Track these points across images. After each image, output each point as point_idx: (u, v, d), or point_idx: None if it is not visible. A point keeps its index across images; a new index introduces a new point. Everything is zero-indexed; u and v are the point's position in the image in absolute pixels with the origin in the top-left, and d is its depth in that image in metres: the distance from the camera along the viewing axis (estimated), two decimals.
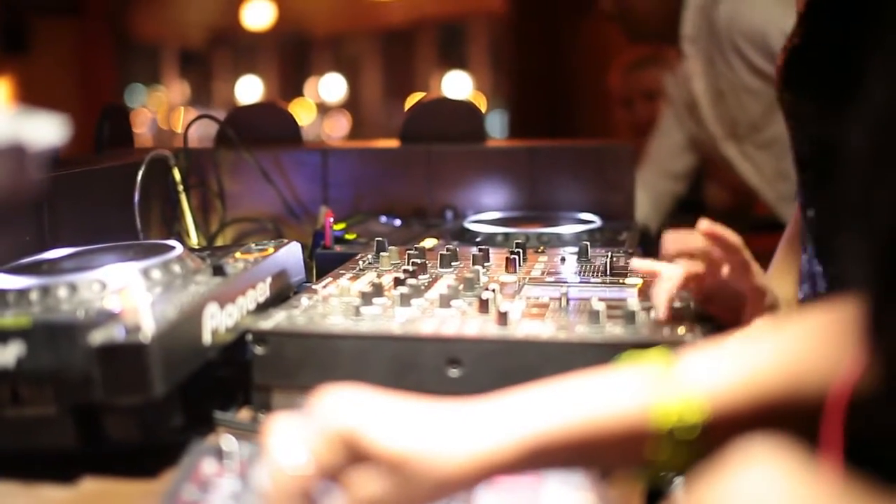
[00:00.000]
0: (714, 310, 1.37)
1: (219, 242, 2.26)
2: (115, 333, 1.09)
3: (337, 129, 12.06)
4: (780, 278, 1.60)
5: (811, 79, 1.44)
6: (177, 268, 1.36)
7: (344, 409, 0.86)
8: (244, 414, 1.32)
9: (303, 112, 11.39)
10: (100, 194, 1.93)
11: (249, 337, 1.28)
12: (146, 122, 11.17)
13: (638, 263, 1.41)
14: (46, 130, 0.84)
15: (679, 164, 3.35)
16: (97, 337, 1.08)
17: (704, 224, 1.32)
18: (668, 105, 3.32)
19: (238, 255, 1.51)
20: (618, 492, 0.89)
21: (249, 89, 12.08)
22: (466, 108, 2.48)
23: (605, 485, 0.90)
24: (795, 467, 0.69)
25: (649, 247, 2.03)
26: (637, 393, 0.88)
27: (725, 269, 1.34)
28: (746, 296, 1.36)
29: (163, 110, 11.85)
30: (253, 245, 1.57)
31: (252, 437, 1.03)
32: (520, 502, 0.90)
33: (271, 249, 1.53)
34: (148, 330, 1.09)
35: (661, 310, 1.28)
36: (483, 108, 3.18)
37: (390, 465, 0.83)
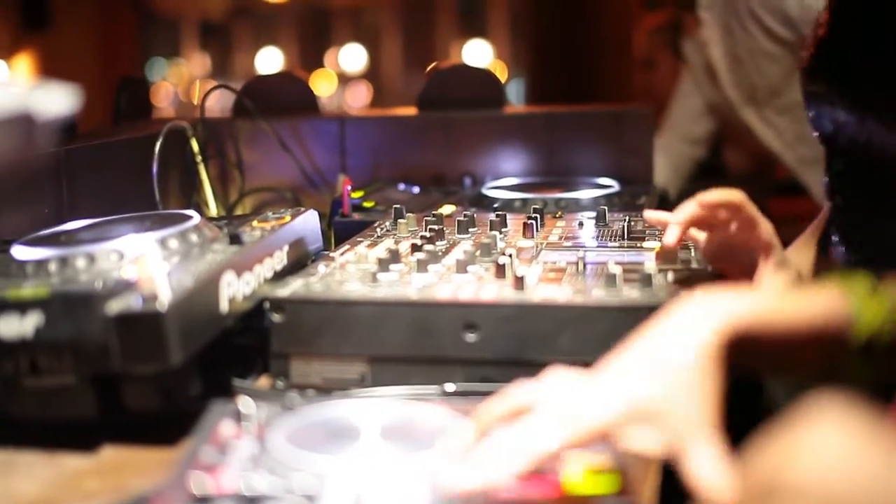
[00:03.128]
0: (725, 267, 1.38)
1: (238, 212, 2.26)
2: (133, 303, 1.09)
3: (358, 100, 12.05)
4: (797, 249, 1.60)
5: (842, 70, 1.42)
6: (194, 237, 1.37)
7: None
8: (263, 381, 1.33)
9: (324, 83, 11.38)
10: (118, 166, 1.94)
11: (267, 305, 1.29)
12: (168, 96, 11.18)
13: (650, 214, 1.42)
14: (57, 100, 0.84)
15: (698, 128, 3.34)
16: (114, 306, 1.09)
17: (702, 198, 1.33)
18: (688, 70, 3.31)
19: (255, 223, 1.51)
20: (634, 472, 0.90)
21: (270, 61, 12.07)
22: (484, 74, 2.48)
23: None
24: (863, 425, 0.69)
25: (668, 211, 2.03)
26: (841, 301, 0.92)
27: (733, 226, 1.35)
28: (756, 251, 1.37)
29: (183, 83, 11.85)
30: (270, 214, 1.57)
31: (270, 402, 1.03)
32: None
33: (288, 218, 1.53)
34: (165, 299, 1.09)
35: (672, 238, 1.29)
36: (503, 77, 3.17)
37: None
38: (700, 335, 0.88)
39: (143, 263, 1.15)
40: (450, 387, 1.22)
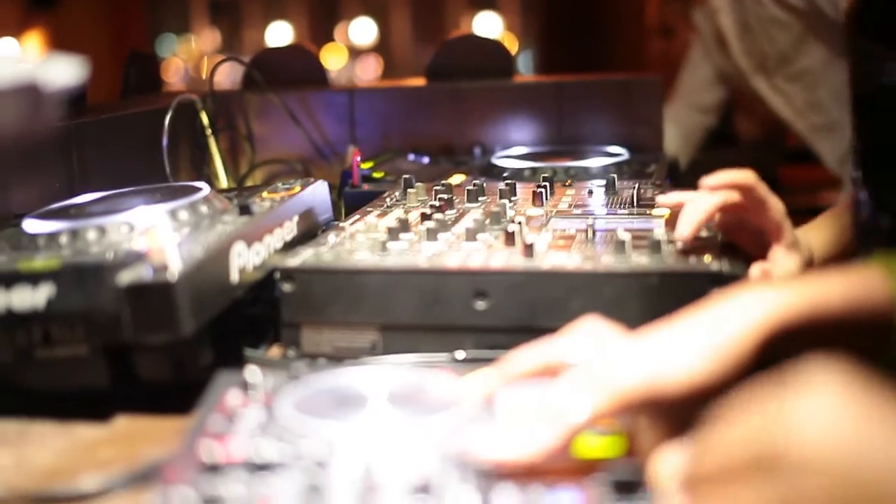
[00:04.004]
0: (738, 239, 1.38)
1: (248, 184, 2.26)
2: (143, 273, 1.10)
3: (368, 73, 12.03)
4: (810, 230, 1.58)
5: (888, 24, 1.40)
6: (204, 208, 1.37)
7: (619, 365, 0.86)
8: (274, 351, 1.33)
9: (333, 57, 11.36)
10: (128, 139, 1.94)
11: (277, 275, 1.29)
12: (178, 72, 11.16)
13: (663, 199, 1.41)
14: (64, 71, 0.84)
15: (709, 97, 3.34)
16: (125, 277, 1.10)
17: (709, 181, 1.32)
18: (698, 39, 3.30)
19: (265, 194, 1.52)
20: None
21: (280, 36, 12.04)
22: (493, 44, 2.48)
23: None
24: (861, 386, 0.67)
25: (678, 179, 2.03)
26: (883, 283, 0.89)
27: (745, 206, 1.35)
28: (768, 232, 1.36)
29: (193, 59, 11.84)
30: (280, 185, 1.58)
31: (279, 371, 1.04)
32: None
33: (298, 188, 1.54)
34: (175, 269, 1.10)
35: (686, 231, 1.27)
36: (514, 49, 3.17)
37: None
38: (747, 323, 0.85)
39: (153, 234, 1.16)
40: (460, 354, 1.22)
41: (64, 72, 0.85)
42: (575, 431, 0.82)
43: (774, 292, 0.88)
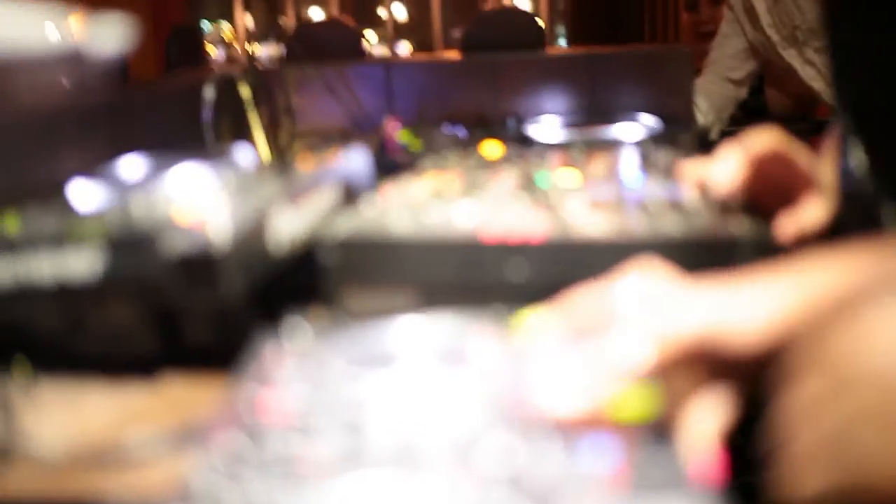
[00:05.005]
0: (764, 198, 1.39)
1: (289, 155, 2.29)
2: (190, 241, 1.13)
3: (404, 51, 12.05)
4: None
5: None
6: (247, 175, 1.41)
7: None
8: (316, 315, 1.37)
9: (371, 36, 11.37)
10: (170, 112, 1.98)
11: (318, 242, 1.32)
12: (217, 52, 11.19)
13: (690, 169, 1.42)
14: (107, 39, 0.87)
15: (739, 69, 3.34)
16: (171, 245, 1.13)
17: (748, 151, 1.33)
18: (729, 11, 3.31)
19: (306, 162, 1.55)
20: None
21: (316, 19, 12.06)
22: (526, 17, 2.50)
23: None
24: None
25: (708, 150, 2.05)
26: None
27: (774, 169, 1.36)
28: (796, 188, 1.38)
29: (232, 38, 11.85)
30: (321, 152, 1.61)
31: (320, 331, 1.07)
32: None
33: (339, 155, 1.57)
34: (220, 236, 1.13)
35: (720, 194, 1.29)
36: (544, 23, 3.18)
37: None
38: (830, 283, 0.79)
39: (199, 201, 1.19)
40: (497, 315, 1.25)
41: (108, 39, 0.88)
42: (634, 381, 0.80)
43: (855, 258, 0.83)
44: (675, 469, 0.74)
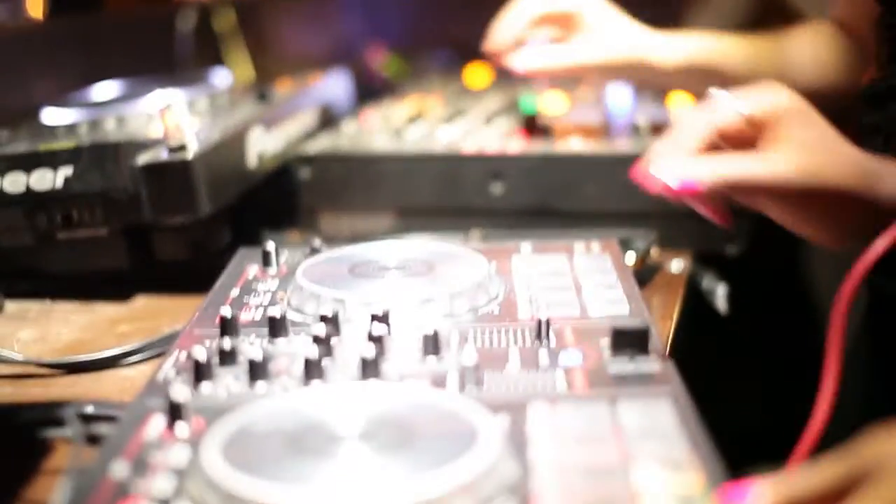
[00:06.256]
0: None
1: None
2: (160, 153, 1.10)
3: None
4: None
5: None
6: (222, 94, 1.38)
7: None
8: (293, 236, 1.34)
9: None
10: (146, 38, 1.94)
11: (295, 160, 1.30)
12: None
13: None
14: None
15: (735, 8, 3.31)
16: (143, 156, 1.10)
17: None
18: None
19: (284, 82, 1.52)
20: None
21: None
22: None
23: None
24: None
25: None
26: None
27: None
28: None
29: None
30: (300, 76, 1.58)
31: (296, 248, 1.05)
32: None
33: (318, 78, 1.54)
34: (192, 149, 1.10)
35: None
36: None
37: None
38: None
39: (171, 116, 1.16)
40: (475, 234, 1.23)
41: None
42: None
43: None
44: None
